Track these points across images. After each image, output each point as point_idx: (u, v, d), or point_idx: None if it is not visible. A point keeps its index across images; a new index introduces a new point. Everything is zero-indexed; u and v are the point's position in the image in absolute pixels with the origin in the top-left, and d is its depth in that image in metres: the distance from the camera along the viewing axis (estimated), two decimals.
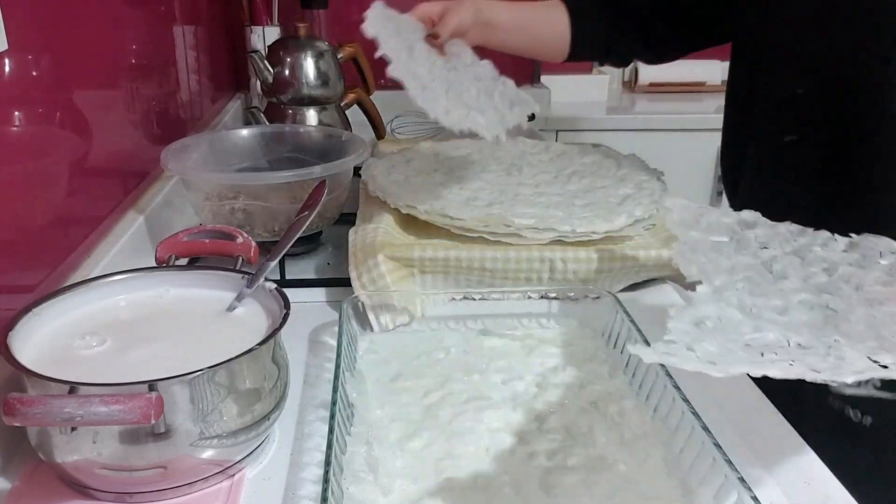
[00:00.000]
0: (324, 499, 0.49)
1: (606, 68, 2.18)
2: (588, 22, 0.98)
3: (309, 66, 1.27)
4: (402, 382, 0.67)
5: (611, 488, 0.54)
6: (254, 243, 0.74)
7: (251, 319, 0.63)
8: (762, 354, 0.48)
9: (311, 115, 1.30)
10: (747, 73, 0.90)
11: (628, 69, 2.24)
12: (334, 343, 0.69)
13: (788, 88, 0.81)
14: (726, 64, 0.96)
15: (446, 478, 0.55)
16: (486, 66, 0.88)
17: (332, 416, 0.57)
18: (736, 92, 0.94)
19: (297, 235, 0.72)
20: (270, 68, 1.26)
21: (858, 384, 0.73)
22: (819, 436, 0.62)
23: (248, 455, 0.59)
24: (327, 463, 0.52)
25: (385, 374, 0.68)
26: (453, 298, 0.81)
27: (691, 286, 0.87)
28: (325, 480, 0.51)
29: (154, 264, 0.71)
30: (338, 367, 0.64)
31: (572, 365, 0.69)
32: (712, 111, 1.85)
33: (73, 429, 0.50)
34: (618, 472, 0.55)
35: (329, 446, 0.53)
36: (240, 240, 0.73)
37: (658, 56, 1.02)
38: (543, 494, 0.54)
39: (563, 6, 0.99)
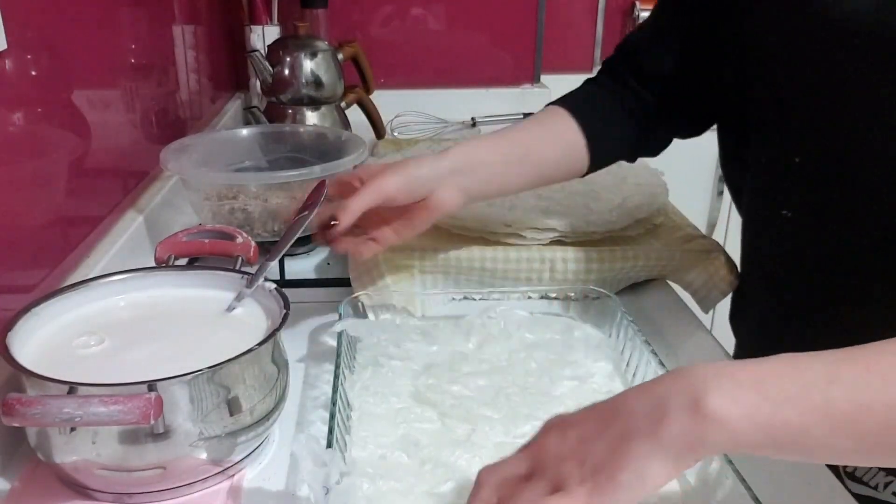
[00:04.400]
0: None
1: None
2: (609, 130, 0.78)
3: (309, 65, 1.27)
4: (401, 382, 0.67)
5: None
6: (253, 243, 0.73)
7: (251, 319, 0.63)
8: None
9: (311, 115, 1.29)
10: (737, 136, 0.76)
11: None
12: (334, 343, 0.68)
13: (783, 156, 0.68)
14: None
15: (446, 477, 0.55)
16: None
17: (332, 417, 0.56)
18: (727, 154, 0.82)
19: (297, 235, 0.72)
20: (270, 68, 1.26)
21: (876, 487, 0.69)
22: None
23: (247, 455, 0.58)
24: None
25: (385, 374, 0.68)
26: (453, 298, 0.81)
27: (691, 286, 0.88)
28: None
29: (153, 264, 0.71)
30: (338, 367, 0.63)
31: (572, 365, 0.69)
32: None
33: (73, 429, 0.50)
34: None
35: (329, 445, 0.53)
36: (239, 240, 0.73)
37: (694, 132, 0.83)
38: None
39: (568, 115, 0.76)
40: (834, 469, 0.61)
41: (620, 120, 0.79)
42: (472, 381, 0.66)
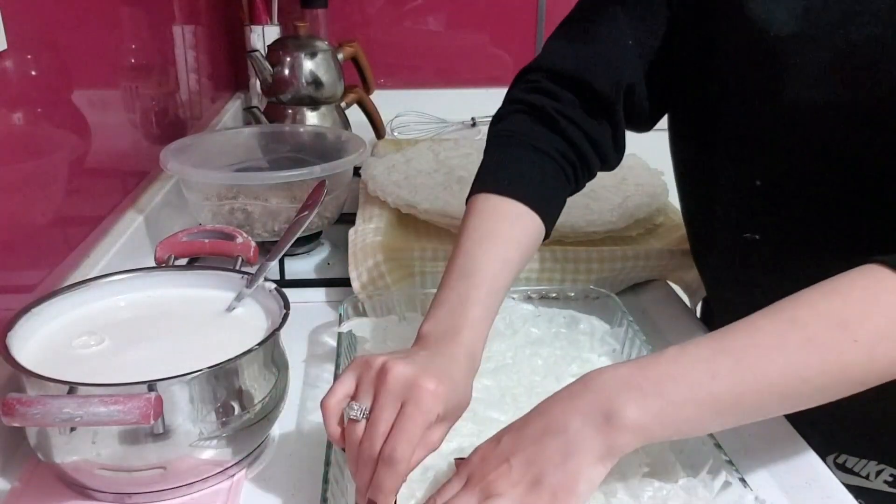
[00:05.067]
0: (324, 499, 0.49)
1: None
2: (554, 200, 0.67)
3: (308, 65, 1.27)
4: None
5: (609, 488, 0.54)
6: (253, 243, 0.73)
7: (251, 320, 0.63)
8: None
9: (311, 115, 1.29)
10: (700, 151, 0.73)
11: None
12: (334, 343, 0.68)
13: (746, 180, 0.66)
14: None
15: (448, 477, 0.55)
16: None
17: None
18: (689, 171, 0.77)
19: (297, 235, 0.72)
20: (270, 68, 1.26)
21: (867, 476, 0.69)
22: None
23: (247, 455, 0.58)
24: (327, 463, 0.52)
25: None
26: None
27: (691, 286, 0.88)
28: (325, 481, 0.51)
29: (153, 264, 0.71)
30: (338, 367, 0.63)
31: (572, 365, 0.69)
32: None
33: (73, 429, 0.50)
34: (616, 470, 0.55)
35: (329, 446, 0.53)
36: (239, 240, 0.73)
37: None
38: None
39: (524, 210, 0.63)
40: (824, 462, 0.62)
41: (557, 180, 0.68)
42: (478, 382, 0.66)
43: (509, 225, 0.63)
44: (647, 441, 0.48)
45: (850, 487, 0.59)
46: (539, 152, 0.67)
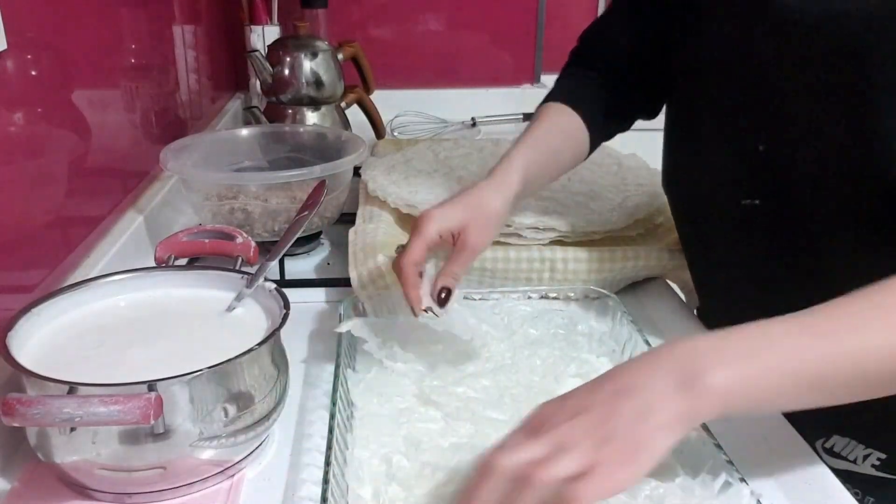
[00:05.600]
0: (324, 499, 0.49)
1: None
2: (601, 117, 0.82)
3: (308, 65, 1.27)
4: (401, 381, 0.67)
5: None
6: (253, 243, 0.73)
7: (251, 320, 0.63)
8: None
9: (311, 115, 1.29)
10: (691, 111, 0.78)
11: None
12: (334, 343, 0.68)
13: (747, 145, 0.69)
14: None
15: (447, 477, 0.55)
16: None
17: (332, 417, 0.56)
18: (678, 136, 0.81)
19: (297, 235, 0.72)
20: (270, 68, 1.26)
21: (855, 461, 0.70)
22: None
23: (247, 456, 0.58)
24: (327, 463, 0.52)
25: (385, 373, 0.67)
26: None
27: (690, 286, 0.88)
28: (325, 481, 0.51)
29: (153, 264, 0.71)
30: (338, 367, 0.63)
31: (570, 365, 0.69)
32: None
33: (73, 429, 0.50)
34: None
35: (329, 446, 0.53)
36: (239, 240, 0.73)
37: (651, 112, 0.87)
38: None
39: (571, 111, 0.81)
40: (811, 446, 0.63)
41: (606, 105, 0.83)
42: (477, 382, 0.66)
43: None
44: (726, 411, 0.47)
45: (838, 472, 0.59)
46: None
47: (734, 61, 0.69)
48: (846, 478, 0.63)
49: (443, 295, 0.67)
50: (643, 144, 0.89)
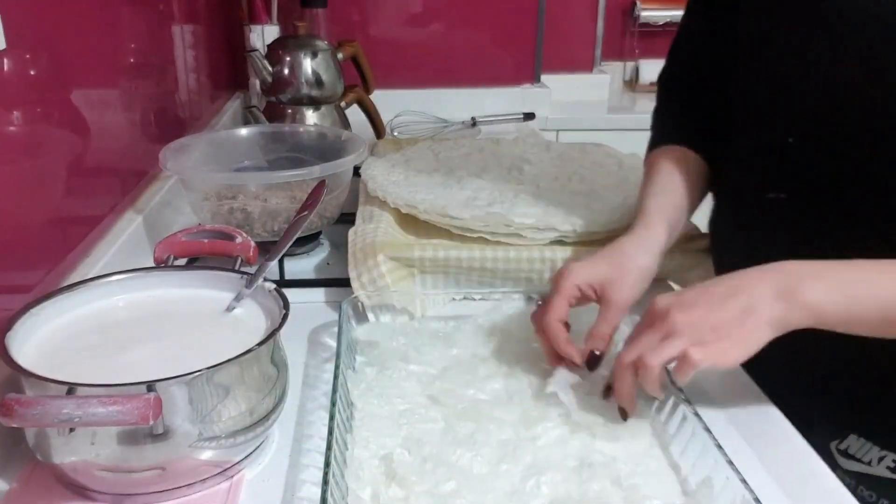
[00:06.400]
0: (323, 500, 0.49)
1: (607, 67, 2.18)
2: (710, 146, 0.82)
3: (308, 65, 1.27)
4: (402, 382, 0.66)
5: (609, 483, 0.54)
6: (253, 243, 0.73)
7: (250, 320, 0.63)
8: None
9: (311, 115, 1.29)
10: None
11: (629, 68, 2.24)
12: (334, 343, 0.68)
13: (776, 137, 0.70)
14: None
15: (448, 477, 0.55)
16: None
17: (332, 417, 0.56)
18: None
19: (297, 235, 0.72)
20: (269, 67, 1.26)
21: (869, 462, 0.70)
22: None
23: (247, 456, 0.58)
24: (327, 464, 0.52)
25: (385, 374, 0.67)
26: (453, 298, 0.81)
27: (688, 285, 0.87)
28: (325, 482, 0.51)
29: (152, 264, 0.71)
30: (337, 367, 0.63)
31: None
32: None
33: (72, 430, 0.50)
34: (616, 469, 0.55)
35: (329, 447, 0.53)
36: (239, 240, 0.73)
37: None
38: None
39: (683, 148, 0.82)
40: (826, 449, 0.62)
41: (710, 129, 0.82)
42: (487, 385, 0.65)
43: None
44: (816, 323, 0.56)
45: (851, 473, 0.59)
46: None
47: (772, 56, 0.69)
48: (860, 480, 0.63)
49: (594, 356, 0.65)
50: (644, 144, 0.88)
